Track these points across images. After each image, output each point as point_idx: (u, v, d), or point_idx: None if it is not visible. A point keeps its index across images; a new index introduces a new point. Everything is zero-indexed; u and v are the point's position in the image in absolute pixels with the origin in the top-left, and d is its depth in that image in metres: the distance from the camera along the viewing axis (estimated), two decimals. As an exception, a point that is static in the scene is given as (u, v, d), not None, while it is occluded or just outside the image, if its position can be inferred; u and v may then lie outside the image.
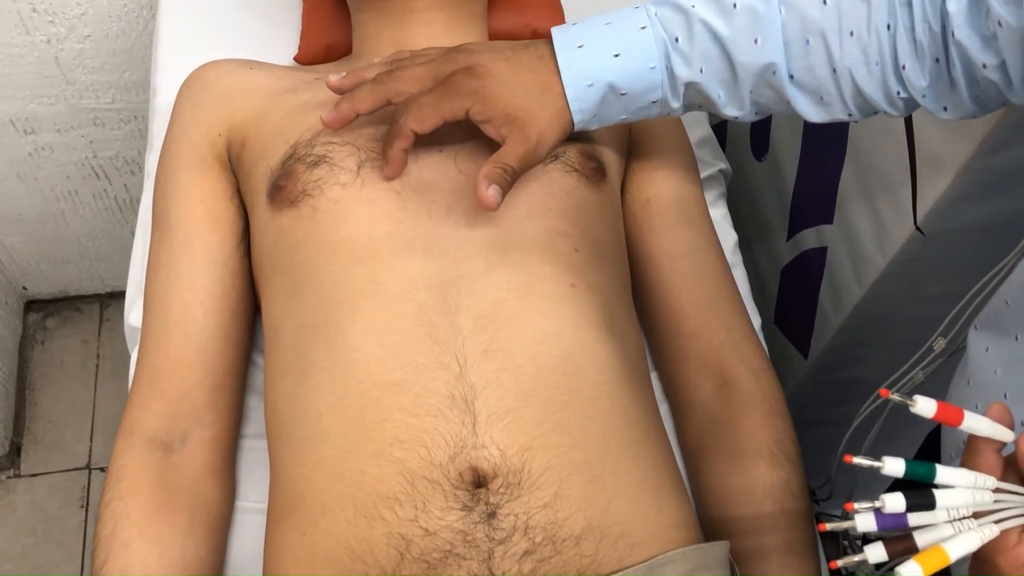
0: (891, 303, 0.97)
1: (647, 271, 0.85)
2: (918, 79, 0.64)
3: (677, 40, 0.68)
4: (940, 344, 0.51)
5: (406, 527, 0.63)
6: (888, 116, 0.69)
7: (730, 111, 0.72)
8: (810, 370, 1.15)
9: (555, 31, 0.71)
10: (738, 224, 1.05)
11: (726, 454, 0.79)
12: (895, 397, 0.49)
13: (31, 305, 1.76)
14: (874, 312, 0.99)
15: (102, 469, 1.59)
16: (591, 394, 0.70)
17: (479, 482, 0.64)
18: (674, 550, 0.66)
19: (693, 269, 0.84)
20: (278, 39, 1.03)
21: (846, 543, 0.71)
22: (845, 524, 0.50)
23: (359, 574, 0.64)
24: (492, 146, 0.76)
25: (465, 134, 0.77)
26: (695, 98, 0.72)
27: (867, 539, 0.52)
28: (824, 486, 0.90)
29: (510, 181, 0.69)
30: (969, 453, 0.50)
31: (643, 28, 0.69)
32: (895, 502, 0.48)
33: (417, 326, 0.69)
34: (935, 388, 0.61)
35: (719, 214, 1.01)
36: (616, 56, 0.69)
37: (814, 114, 0.70)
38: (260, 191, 0.80)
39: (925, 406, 0.49)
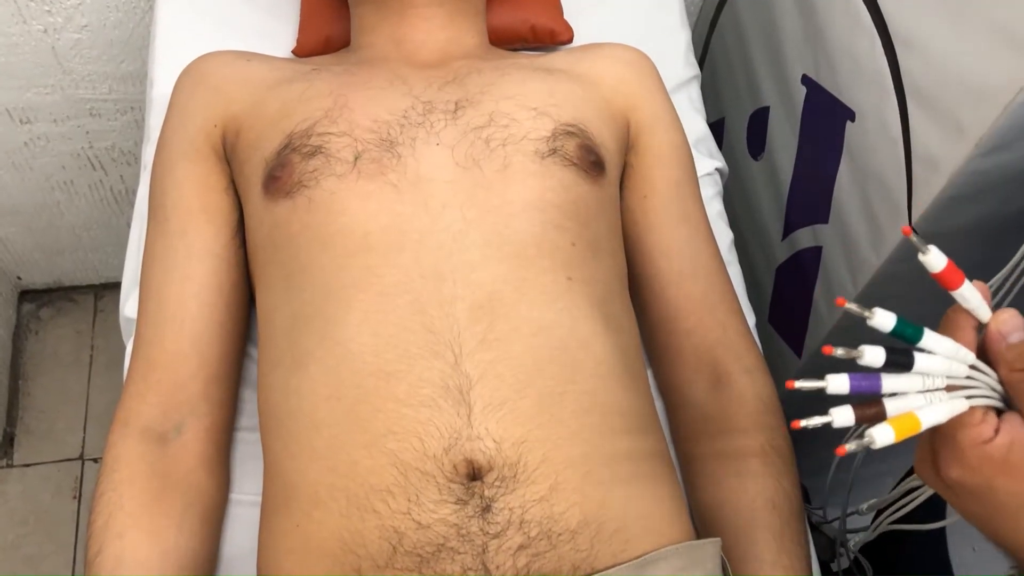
0: (885, 303, 0.97)
1: (643, 267, 0.85)
2: None
3: None
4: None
5: (399, 520, 0.63)
6: None
7: None
8: (803, 369, 1.16)
9: None
10: (734, 223, 1.05)
11: (719, 451, 0.79)
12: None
13: (25, 295, 1.76)
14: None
15: (95, 460, 1.59)
16: (588, 387, 0.70)
17: (474, 475, 0.64)
18: (667, 547, 0.66)
19: (689, 266, 0.84)
20: (276, 31, 1.03)
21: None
22: (818, 383, 0.49)
23: (351, 567, 0.64)
24: (489, 143, 0.76)
25: (462, 129, 0.77)
26: None
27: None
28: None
29: None
30: (949, 327, 0.50)
31: None
32: (874, 355, 0.48)
33: (412, 316, 0.69)
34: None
35: (715, 212, 1.01)
36: None
37: None
38: (255, 182, 0.79)
39: (936, 259, 0.49)
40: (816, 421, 0.49)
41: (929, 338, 0.49)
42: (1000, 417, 0.49)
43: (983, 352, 0.50)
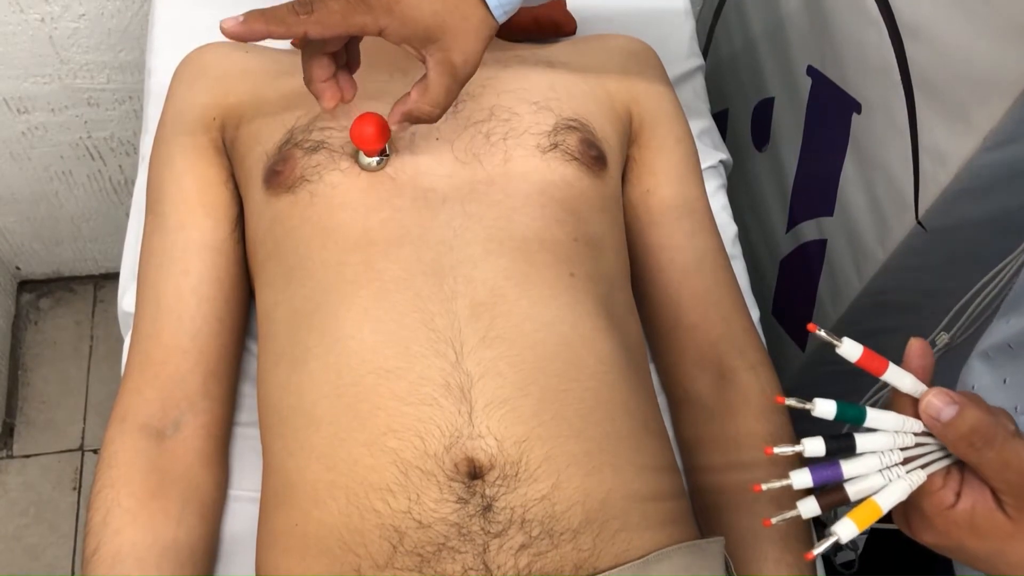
0: (890, 297, 0.97)
1: (646, 262, 0.84)
2: None
3: None
4: (943, 339, 0.51)
5: (399, 519, 0.63)
6: None
7: None
8: (807, 362, 1.15)
9: None
10: (737, 215, 1.04)
11: (723, 448, 0.78)
12: (821, 333, 0.49)
13: (24, 285, 1.75)
14: (873, 306, 0.99)
15: (95, 451, 1.59)
16: (590, 384, 0.69)
17: (475, 473, 0.63)
18: (670, 546, 0.66)
19: (693, 261, 0.83)
20: (275, 21, 1.02)
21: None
22: (783, 483, 0.50)
23: (351, 566, 0.63)
24: (489, 138, 0.75)
25: (462, 123, 0.76)
26: None
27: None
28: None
29: (429, 120, 0.68)
30: (897, 396, 0.51)
31: None
32: (815, 446, 0.49)
33: (412, 313, 0.68)
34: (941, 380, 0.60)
35: (719, 205, 1.00)
36: None
37: None
38: (255, 176, 0.79)
39: (850, 349, 0.49)
40: (786, 515, 0.51)
41: (873, 416, 0.50)
42: (961, 476, 0.50)
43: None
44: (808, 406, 0.49)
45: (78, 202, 1.56)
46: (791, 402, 0.49)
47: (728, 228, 1.00)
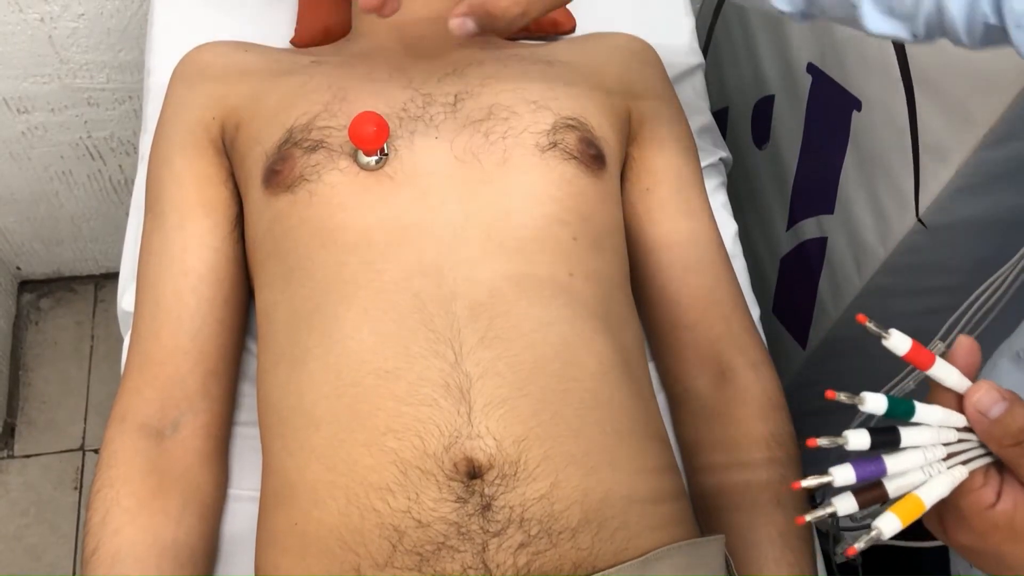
0: (891, 294, 0.97)
1: (646, 261, 0.84)
2: (1021, 4, 0.53)
3: None
4: (939, 348, 0.50)
5: (399, 518, 0.62)
6: (955, 44, 0.59)
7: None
8: (808, 360, 1.15)
9: None
10: (738, 213, 1.04)
11: (723, 447, 0.78)
12: (870, 325, 0.48)
13: (25, 285, 1.75)
14: (873, 303, 0.99)
15: (96, 451, 1.59)
16: (589, 384, 0.69)
17: (474, 473, 0.63)
18: (670, 544, 0.66)
19: (693, 259, 0.83)
20: (274, 21, 1.02)
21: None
22: (823, 479, 0.48)
23: (351, 565, 0.63)
24: (488, 137, 0.75)
25: (461, 122, 0.76)
26: None
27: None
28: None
29: (503, 17, 0.63)
30: (936, 391, 0.49)
31: None
32: (859, 439, 0.47)
33: (412, 314, 0.68)
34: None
35: (719, 203, 1.00)
36: None
37: (874, 20, 0.60)
38: (255, 175, 0.79)
39: (899, 342, 0.47)
40: (819, 514, 0.48)
41: (922, 411, 0.48)
42: (1001, 476, 0.48)
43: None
44: (856, 401, 0.47)
45: (78, 202, 1.56)
46: (841, 397, 0.47)
47: (728, 226, 1.00)
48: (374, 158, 0.74)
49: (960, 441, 0.48)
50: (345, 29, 0.96)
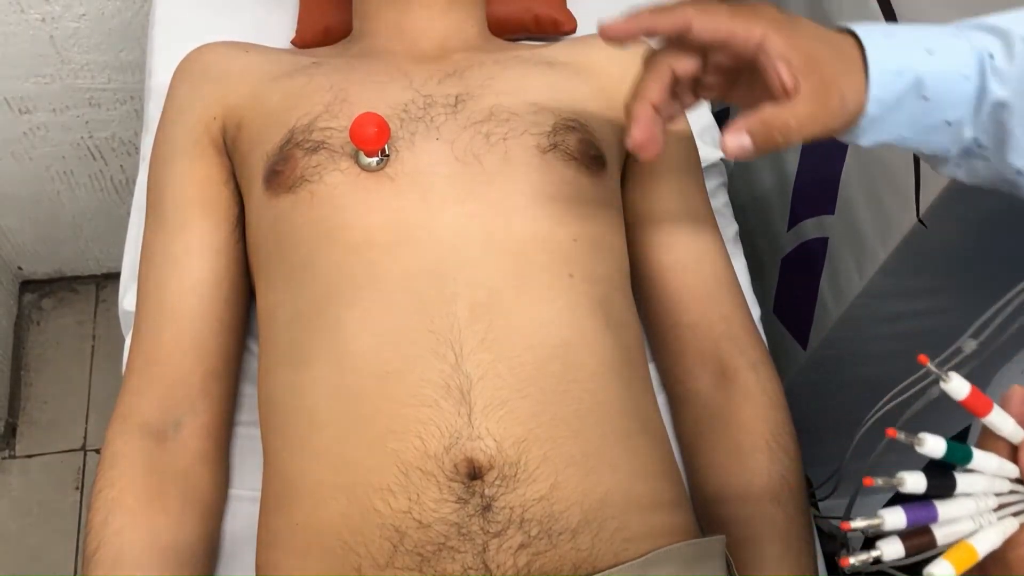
0: (892, 295, 0.97)
1: (646, 261, 0.84)
2: None
3: (992, 56, 0.58)
4: (971, 346, 0.48)
5: (400, 519, 0.63)
6: None
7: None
8: (809, 361, 1.15)
9: (850, 25, 0.60)
10: (739, 213, 1.04)
11: (723, 446, 0.78)
12: (932, 367, 0.46)
13: (26, 286, 1.75)
14: (874, 304, 0.99)
15: (97, 451, 1.59)
16: (589, 385, 0.69)
17: (474, 474, 0.63)
18: (670, 545, 0.66)
19: (693, 259, 0.83)
20: (275, 22, 1.02)
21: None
22: (872, 522, 0.46)
23: (352, 566, 0.63)
24: (489, 138, 0.74)
25: (462, 124, 0.76)
26: (991, 129, 0.59)
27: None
28: (826, 483, 0.90)
29: (773, 146, 0.57)
30: (987, 438, 0.49)
31: (955, 36, 0.59)
32: (916, 481, 0.46)
33: (413, 315, 0.68)
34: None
35: (720, 203, 1.00)
36: (929, 53, 0.57)
37: None
38: (256, 176, 0.79)
39: (957, 386, 0.46)
40: (864, 556, 0.47)
41: (978, 457, 0.47)
42: None
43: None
44: (914, 441, 0.46)
45: (80, 202, 1.56)
46: (901, 436, 0.46)
47: (729, 226, 1.00)
48: (375, 159, 0.74)
49: (1012, 492, 0.48)
50: (346, 30, 0.96)
